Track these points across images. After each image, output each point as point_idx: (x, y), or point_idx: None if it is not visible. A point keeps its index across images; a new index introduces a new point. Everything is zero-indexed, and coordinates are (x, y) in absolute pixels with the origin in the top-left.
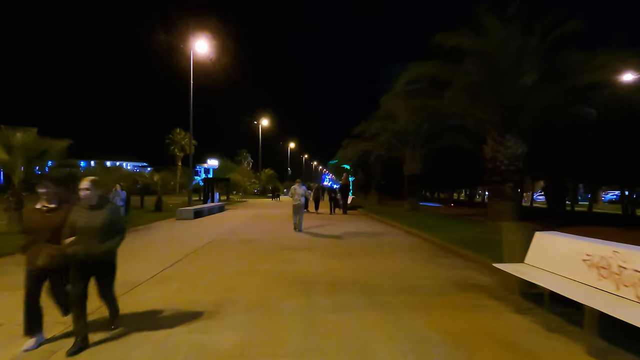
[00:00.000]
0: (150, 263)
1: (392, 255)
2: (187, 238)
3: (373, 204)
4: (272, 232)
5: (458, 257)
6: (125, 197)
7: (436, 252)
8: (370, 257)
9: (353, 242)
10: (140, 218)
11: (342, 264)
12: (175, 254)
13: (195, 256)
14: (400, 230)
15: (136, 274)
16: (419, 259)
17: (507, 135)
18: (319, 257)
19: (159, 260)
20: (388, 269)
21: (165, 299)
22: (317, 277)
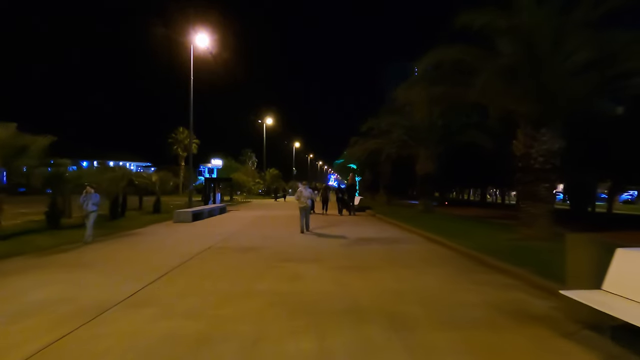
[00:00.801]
0: (129, 278)
1: (417, 269)
2: (180, 245)
3: (382, 204)
4: (274, 238)
5: (496, 271)
6: (97, 201)
7: (468, 264)
8: (391, 271)
9: (367, 250)
10: (135, 220)
11: (359, 282)
12: (161, 267)
13: (183, 270)
14: (418, 236)
15: (109, 294)
16: (451, 275)
17: (543, 128)
18: (329, 272)
19: (141, 274)
20: (417, 289)
21: (132, 336)
22: (329, 301)
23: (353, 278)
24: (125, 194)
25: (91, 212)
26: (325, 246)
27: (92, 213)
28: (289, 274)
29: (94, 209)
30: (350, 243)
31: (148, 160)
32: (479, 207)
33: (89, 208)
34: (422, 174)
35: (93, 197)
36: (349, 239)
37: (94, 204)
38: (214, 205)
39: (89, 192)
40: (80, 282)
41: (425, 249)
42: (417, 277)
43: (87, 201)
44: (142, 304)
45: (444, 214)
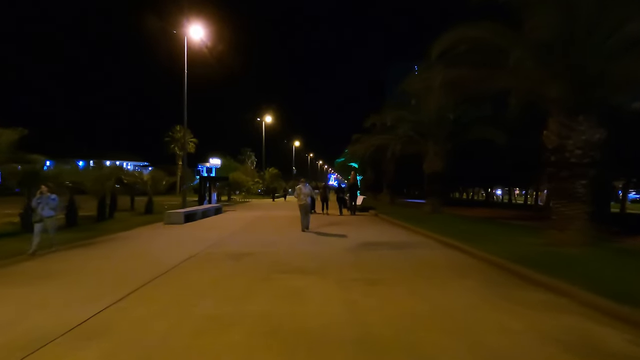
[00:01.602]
0: (92, 296)
1: (438, 282)
2: (165, 251)
3: (385, 204)
4: (272, 242)
5: (535, 286)
6: (56, 204)
7: (497, 276)
8: (407, 285)
9: (377, 258)
10: (122, 222)
11: (371, 300)
12: (136, 279)
13: (160, 283)
14: (431, 240)
15: (58, 318)
16: (481, 290)
17: (580, 116)
18: (334, 286)
19: (108, 289)
20: (442, 310)
21: None
22: (335, 328)
23: (363, 295)
24: (114, 194)
25: (48, 218)
26: (328, 252)
27: (49, 219)
28: (287, 289)
29: (50, 214)
30: (357, 248)
31: (146, 159)
32: (486, 207)
33: (44, 213)
34: (429, 172)
35: (50, 199)
36: (354, 243)
37: (52, 208)
38: (209, 205)
39: (44, 194)
40: (31, 300)
41: (442, 255)
42: (440, 293)
43: (42, 204)
44: (94, 334)
45: (453, 215)
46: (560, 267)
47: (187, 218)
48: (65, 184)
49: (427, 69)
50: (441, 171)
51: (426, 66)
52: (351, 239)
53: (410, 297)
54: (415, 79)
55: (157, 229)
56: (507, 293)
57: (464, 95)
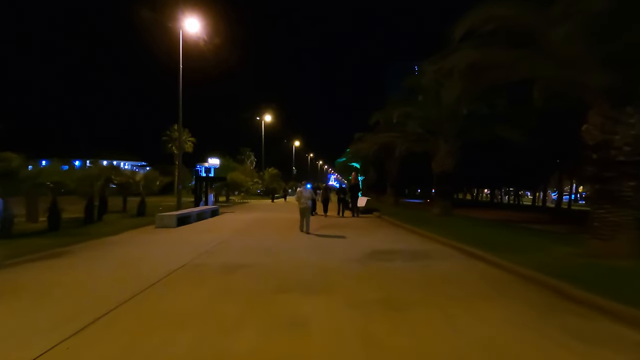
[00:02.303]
0: (40, 326)
1: (473, 305)
2: (148, 262)
3: (389, 206)
4: (270, 249)
5: (594, 310)
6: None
7: (542, 296)
8: (437, 310)
9: (392, 271)
10: (111, 226)
11: (395, 332)
12: (102, 302)
13: (130, 309)
14: (448, 247)
15: None
16: (528, 317)
17: (628, 107)
18: (346, 312)
19: (66, 316)
20: (488, 347)
21: None
22: None
23: (384, 324)
24: (103, 195)
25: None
26: (335, 263)
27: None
28: (287, 316)
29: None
30: (367, 258)
31: (144, 159)
32: (494, 208)
33: None
34: (439, 172)
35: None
36: (362, 251)
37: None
38: (204, 207)
39: None
40: None
41: (467, 268)
42: (480, 321)
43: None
44: None
45: (464, 217)
46: (615, 284)
47: (180, 221)
48: (46, 184)
49: (443, 58)
50: (451, 171)
51: (442, 55)
52: (358, 246)
53: (446, 328)
54: (438, 61)
55: (146, 233)
56: (562, 321)
57: (487, 84)
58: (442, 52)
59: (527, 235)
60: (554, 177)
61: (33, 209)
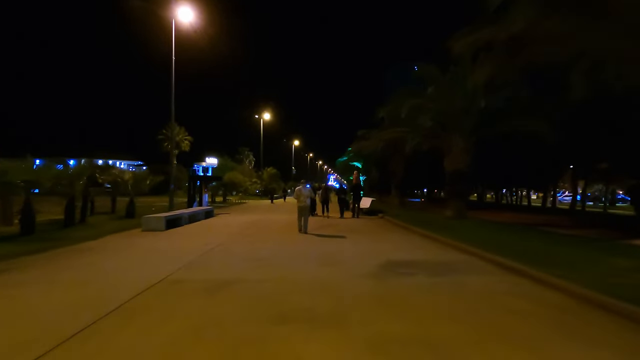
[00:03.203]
0: None
1: (548, 355)
2: (118, 275)
3: (394, 207)
4: (266, 261)
5: None
6: None
7: (637, 336)
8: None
9: (416, 291)
10: (94, 229)
11: None
12: (44, 335)
13: (76, 349)
14: (477, 258)
15: None
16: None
17: None
18: (367, 358)
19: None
20: None
21: None
22: None
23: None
24: (86, 196)
25: None
26: (344, 279)
27: None
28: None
29: None
30: (382, 271)
31: (141, 159)
32: (503, 210)
33: None
34: (452, 171)
35: None
36: (375, 261)
37: None
38: (198, 208)
39: None
40: None
41: (511, 288)
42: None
43: None
44: None
45: (480, 220)
46: None
47: (169, 223)
48: (16, 183)
49: (476, 30)
50: (466, 169)
51: (473, 27)
52: (369, 255)
53: None
54: (460, 43)
55: (130, 237)
56: None
57: (523, 63)
58: (474, 24)
59: (563, 242)
60: (564, 177)
61: (8, 211)
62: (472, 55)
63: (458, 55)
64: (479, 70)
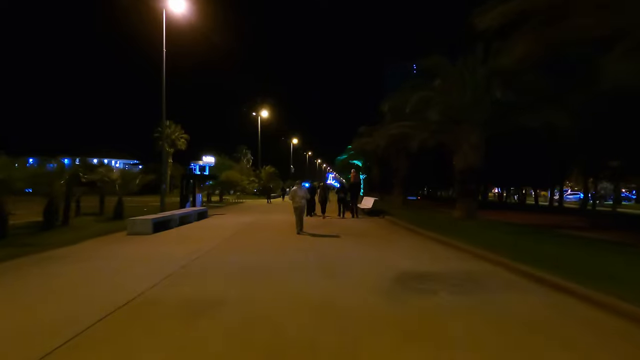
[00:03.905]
0: None
1: None
2: (79, 294)
3: (397, 207)
4: (260, 271)
5: None
6: None
7: None
8: None
9: (444, 317)
10: (75, 232)
11: None
12: None
13: None
14: (504, 269)
15: None
16: None
17: None
18: None
19: None
20: None
21: None
22: None
23: None
24: (69, 196)
25: None
26: (351, 298)
27: None
28: None
29: None
30: (396, 286)
31: (138, 157)
32: (510, 209)
33: None
34: (462, 168)
35: None
36: (387, 273)
37: None
38: (190, 209)
39: None
40: None
41: (564, 312)
42: None
43: None
44: None
45: (492, 222)
46: None
47: (157, 226)
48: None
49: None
50: (477, 167)
51: None
52: (377, 263)
53: None
54: (486, 17)
55: (112, 242)
56: None
57: (558, 42)
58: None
59: (595, 248)
60: (572, 175)
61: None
62: (497, 33)
63: (483, 31)
64: (512, 48)
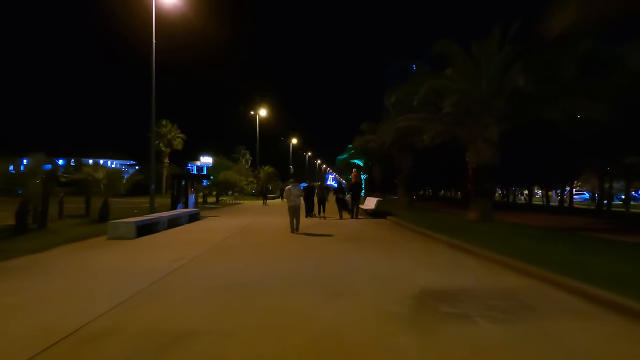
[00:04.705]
0: None
1: None
2: (12, 322)
3: (401, 208)
4: (249, 289)
5: None
6: None
7: None
8: None
9: (486, 358)
10: (51, 236)
11: None
12: None
13: None
14: (548, 284)
15: None
16: None
17: None
18: None
19: None
20: None
21: None
22: None
23: None
24: (46, 196)
25: None
26: (364, 328)
27: None
28: None
29: None
30: (418, 311)
31: (134, 158)
32: (520, 210)
33: None
34: (476, 166)
35: None
36: (404, 292)
37: None
38: (180, 211)
39: None
40: None
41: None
42: None
43: None
44: None
45: (511, 224)
46: None
47: (142, 230)
48: None
49: None
50: (493, 164)
51: None
52: (391, 277)
53: None
54: None
55: (87, 249)
56: None
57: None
58: None
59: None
60: (584, 173)
61: None
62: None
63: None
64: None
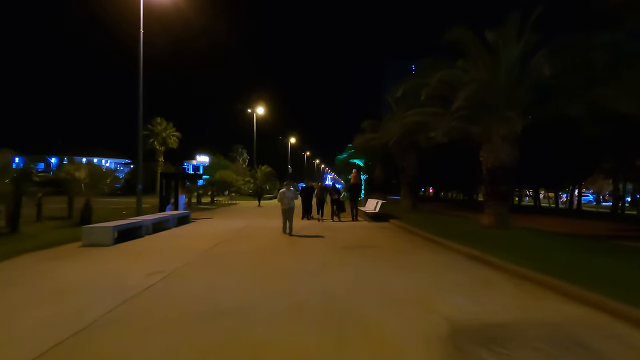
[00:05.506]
0: None
1: None
2: None
3: (405, 211)
4: (229, 318)
5: None
6: None
7: None
8: None
9: None
10: (16, 243)
11: None
12: None
13: None
14: (613, 317)
15: None
16: None
17: None
18: None
19: None
20: None
21: None
22: None
23: None
24: (18, 197)
25: None
26: None
27: None
28: None
29: None
30: (453, 357)
31: (129, 157)
32: (530, 213)
33: None
34: (491, 166)
35: None
36: (428, 329)
37: None
38: (169, 213)
39: None
40: None
41: None
42: None
43: None
44: None
45: (531, 230)
46: None
47: (122, 235)
48: None
49: None
50: (510, 164)
51: None
52: (407, 302)
53: None
54: None
55: (54, 258)
56: None
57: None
58: None
59: None
60: (595, 175)
61: None
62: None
63: None
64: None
